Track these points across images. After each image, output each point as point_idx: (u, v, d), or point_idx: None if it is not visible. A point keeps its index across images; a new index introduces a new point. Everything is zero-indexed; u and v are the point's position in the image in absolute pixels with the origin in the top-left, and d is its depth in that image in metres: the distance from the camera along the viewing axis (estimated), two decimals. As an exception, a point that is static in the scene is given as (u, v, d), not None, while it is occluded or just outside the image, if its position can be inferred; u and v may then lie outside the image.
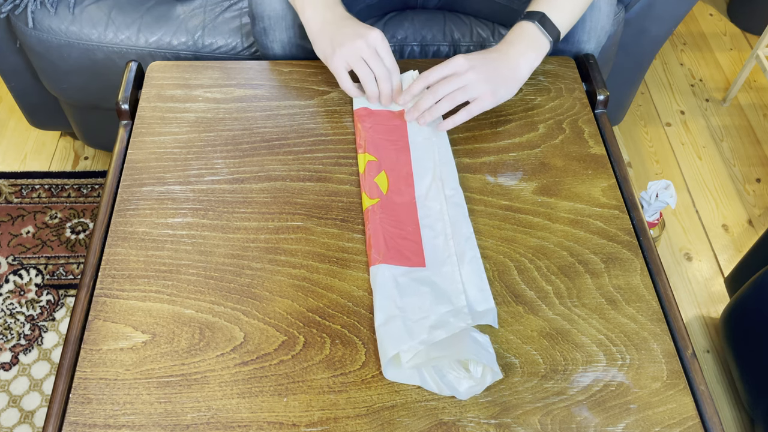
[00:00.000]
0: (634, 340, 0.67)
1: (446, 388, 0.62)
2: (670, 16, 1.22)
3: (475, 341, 0.63)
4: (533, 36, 0.84)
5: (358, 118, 0.84)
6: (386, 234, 0.72)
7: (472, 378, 0.63)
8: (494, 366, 0.62)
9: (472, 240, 0.73)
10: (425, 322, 0.66)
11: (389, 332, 0.65)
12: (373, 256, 0.70)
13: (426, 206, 0.76)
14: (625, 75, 1.34)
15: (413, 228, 0.74)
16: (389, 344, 0.64)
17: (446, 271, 0.71)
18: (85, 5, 1.14)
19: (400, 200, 0.76)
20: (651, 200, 1.20)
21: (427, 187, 0.78)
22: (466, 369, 0.63)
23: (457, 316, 0.66)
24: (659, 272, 0.73)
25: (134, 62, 0.89)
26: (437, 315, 0.67)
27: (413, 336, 0.64)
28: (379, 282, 0.68)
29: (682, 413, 0.63)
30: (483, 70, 0.80)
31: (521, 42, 0.83)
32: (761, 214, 1.50)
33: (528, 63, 0.83)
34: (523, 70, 0.83)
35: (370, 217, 0.74)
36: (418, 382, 0.63)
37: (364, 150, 0.80)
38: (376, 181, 0.77)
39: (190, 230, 0.74)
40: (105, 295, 0.68)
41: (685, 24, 1.94)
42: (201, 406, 0.62)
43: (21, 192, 1.45)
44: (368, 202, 0.75)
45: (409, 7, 1.14)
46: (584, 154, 0.83)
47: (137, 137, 0.82)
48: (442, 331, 0.65)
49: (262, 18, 0.94)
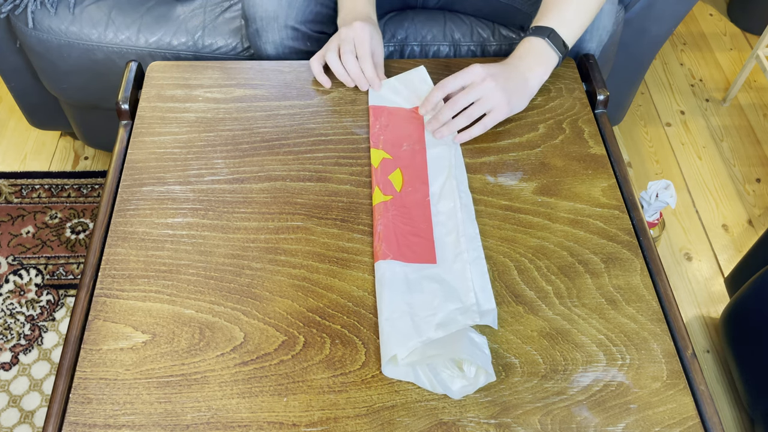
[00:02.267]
0: (634, 340, 0.67)
1: (439, 386, 0.62)
2: (670, 16, 1.22)
3: (471, 342, 0.64)
4: (542, 51, 0.84)
5: (374, 114, 0.84)
6: (398, 231, 0.72)
7: (465, 378, 0.63)
8: (488, 367, 0.62)
9: (477, 240, 0.73)
10: (432, 319, 0.66)
11: (396, 328, 0.65)
12: (383, 250, 0.70)
13: (439, 204, 0.76)
14: (625, 75, 1.34)
15: (426, 225, 0.74)
16: (395, 341, 0.64)
17: (457, 269, 0.71)
18: (85, 5, 1.14)
19: (414, 198, 0.77)
20: (651, 200, 1.20)
21: (441, 185, 0.78)
22: (461, 368, 0.63)
23: (465, 314, 0.67)
24: (659, 272, 0.73)
25: (134, 62, 0.89)
26: (445, 312, 0.67)
27: (420, 333, 0.64)
28: (388, 277, 0.68)
29: (682, 413, 0.63)
30: (499, 79, 0.80)
31: (531, 57, 0.84)
32: (761, 214, 1.50)
33: (537, 78, 0.84)
34: (533, 84, 0.84)
35: (382, 213, 0.74)
36: (412, 378, 0.63)
37: (379, 146, 0.81)
38: (390, 178, 0.78)
39: (190, 230, 0.74)
40: (105, 295, 0.68)
41: (685, 24, 1.94)
42: (201, 406, 0.62)
43: (21, 192, 1.45)
44: (381, 197, 0.75)
45: (410, 6, 1.14)
46: (584, 154, 0.83)
47: (137, 137, 0.82)
48: (447, 328, 0.65)
49: (255, 19, 0.95)
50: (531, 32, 0.85)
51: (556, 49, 0.84)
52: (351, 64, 0.85)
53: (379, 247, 0.71)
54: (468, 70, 0.81)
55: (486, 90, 0.79)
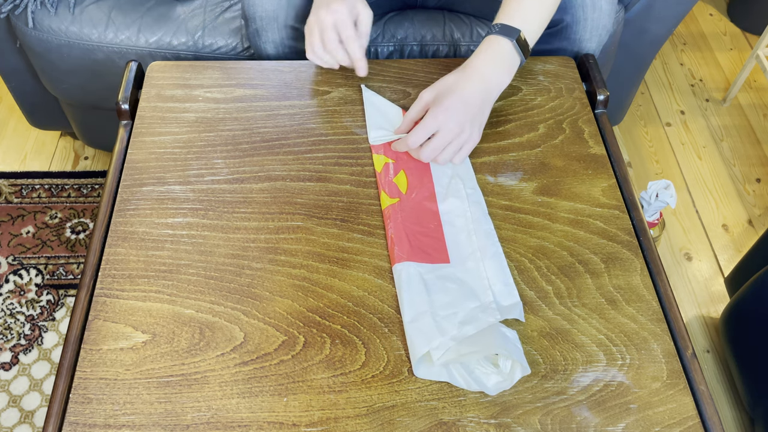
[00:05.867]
0: (634, 340, 0.67)
1: (475, 384, 0.63)
2: (670, 16, 1.22)
3: (503, 336, 0.64)
4: (507, 56, 0.80)
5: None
6: (408, 232, 0.73)
7: (500, 373, 0.63)
8: (523, 361, 0.62)
9: (494, 235, 0.73)
10: (454, 318, 0.66)
11: (419, 329, 0.65)
12: (397, 253, 0.70)
13: (447, 203, 0.77)
14: (625, 75, 1.34)
15: (435, 225, 0.74)
16: (420, 342, 0.64)
17: (471, 267, 0.71)
18: (85, 5, 1.14)
19: (421, 198, 0.77)
20: (651, 200, 1.20)
21: (446, 185, 0.78)
22: (495, 365, 0.63)
23: (485, 312, 0.67)
24: (659, 272, 0.73)
25: (134, 62, 0.89)
26: (466, 311, 0.67)
27: (444, 332, 0.65)
28: (405, 279, 0.68)
29: (682, 413, 0.63)
30: (459, 116, 0.76)
31: (495, 62, 0.80)
32: (761, 214, 1.50)
33: (499, 87, 0.80)
34: (494, 93, 0.80)
35: (391, 216, 0.74)
36: (446, 378, 0.63)
37: (380, 152, 0.81)
38: (395, 181, 0.78)
39: (190, 230, 0.74)
40: (105, 295, 0.68)
41: (685, 24, 1.94)
42: (201, 406, 0.62)
43: (21, 192, 1.45)
44: (388, 201, 0.76)
45: (409, 6, 1.14)
46: (584, 154, 0.83)
47: (137, 137, 0.82)
48: (472, 326, 0.65)
49: (254, 19, 0.95)
50: (498, 30, 0.80)
51: (521, 53, 0.80)
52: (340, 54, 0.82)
53: (393, 251, 0.71)
54: (424, 122, 0.77)
55: (450, 136, 0.77)
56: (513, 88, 0.89)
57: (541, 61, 0.93)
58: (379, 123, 0.84)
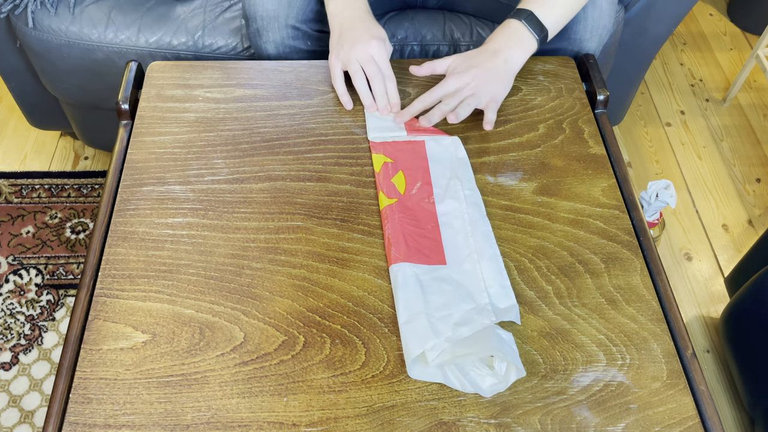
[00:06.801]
0: (634, 340, 0.67)
1: (470, 386, 0.62)
2: (670, 16, 1.22)
3: (499, 338, 0.64)
4: (519, 33, 0.85)
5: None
6: (406, 233, 0.73)
7: (495, 375, 0.63)
8: (518, 363, 0.62)
9: (491, 237, 0.73)
10: (449, 319, 0.66)
11: (414, 330, 0.65)
12: (393, 254, 0.70)
13: (444, 204, 0.76)
14: (625, 75, 1.34)
15: (432, 226, 0.74)
16: (414, 343, 0.64)
17: (467, 269, 0.71)
18: (85, 5, 1.14)
19: (419, 199, 0.77)
20: (651, 200, 1.20)
21: (445, 186, 0.78)
22: (490, 367, 0.63)
23: (480, 314, 0.67)
24: (659, 272, 0.73)
25: (134, 62, 0.89)
26: (461, 312, 0.67)
27: (438, 333, 0.64)
28: (401, 280, 0.68)
29: (682, 413, 0.63)
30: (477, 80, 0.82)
31: (506, 38, 0.85)
32: (761, 214, 1.50)
33: (513, 59, 0.85)
34: (512, 64, 0.85)
35: (389, 217, 0.74)
36: (441, 379, 0.63)
37: (380, 151, 0.81)
38: (393, 181, 0.78)
39: (190, 230, 0.74)
40: (105, 295, 0.68)
41: (685, 24, 1.94)
42: (201, 406, 0.62)
43: (21, 192, 1.45)
44: (386, 201, 0.75)
45: (409, 6, 1.14)
46: (584, 154, 0.83)
47: (137, 137, 0.82)
48: (467, 328, 0.65)
49: (255, 19, 0.95)
50: (511, 15, 0.87)
51: (533, 32, 0.85)
52: (380, 91, 0.85)
53: (390, 252, 0.71)
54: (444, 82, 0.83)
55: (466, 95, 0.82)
56: (513, 88, 0.89)
57: (541, 61, 0.93)
58: (379, 122, 0.84)
